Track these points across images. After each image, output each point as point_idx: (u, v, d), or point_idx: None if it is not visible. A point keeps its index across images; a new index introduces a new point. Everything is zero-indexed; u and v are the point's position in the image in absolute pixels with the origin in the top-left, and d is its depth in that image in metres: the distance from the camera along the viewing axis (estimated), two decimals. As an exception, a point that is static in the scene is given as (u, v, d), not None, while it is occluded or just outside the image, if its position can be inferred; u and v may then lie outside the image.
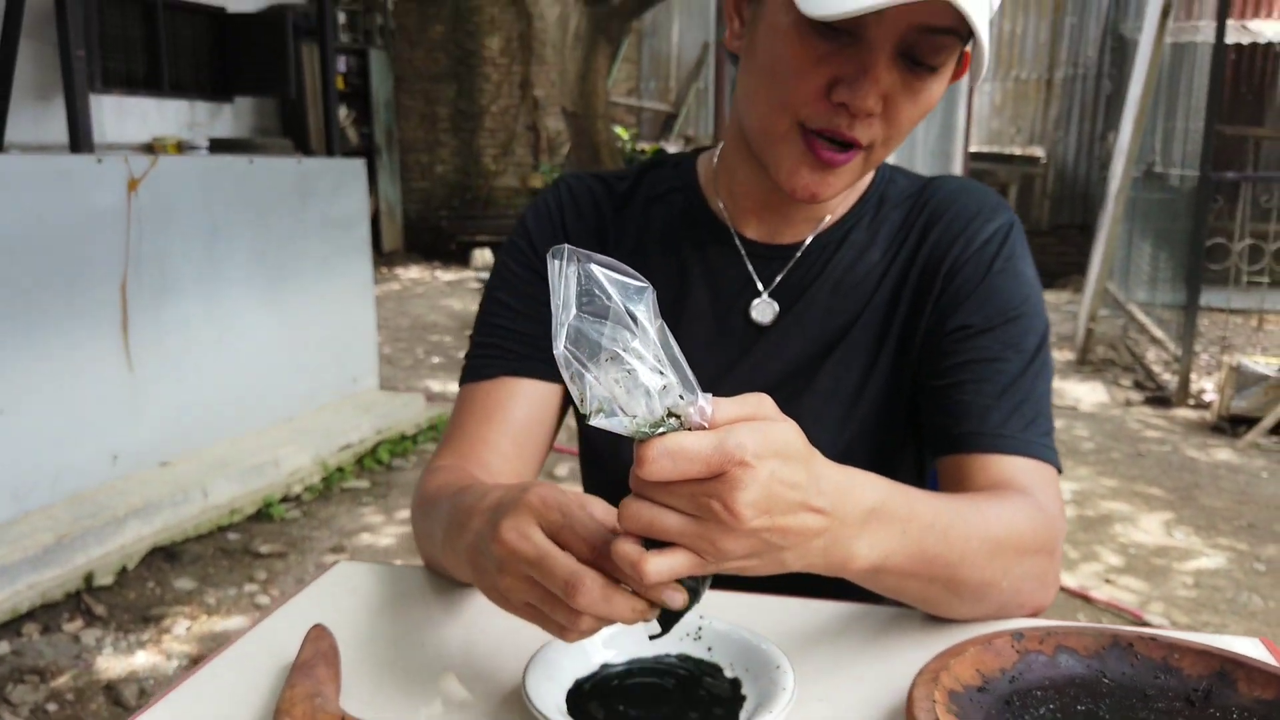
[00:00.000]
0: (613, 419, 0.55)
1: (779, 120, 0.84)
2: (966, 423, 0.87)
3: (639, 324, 0.54)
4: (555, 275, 0.54)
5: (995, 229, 0.94)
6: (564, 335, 0.53)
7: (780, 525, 0.57)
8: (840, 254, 0.97)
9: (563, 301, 0.54)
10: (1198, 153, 5.11)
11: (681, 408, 0.55)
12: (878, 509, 0.64)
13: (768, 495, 0.55)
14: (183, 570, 3.17)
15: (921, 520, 0.68)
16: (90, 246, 3.18)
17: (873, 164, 0.87)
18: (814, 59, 0.80)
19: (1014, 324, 0.90)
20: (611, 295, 0.54)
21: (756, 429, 0.56)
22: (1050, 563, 0.81)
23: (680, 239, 1.01)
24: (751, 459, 0.54)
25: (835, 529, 0.61)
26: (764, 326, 0.97)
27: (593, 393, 0.54)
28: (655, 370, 0.54)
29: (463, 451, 0.96)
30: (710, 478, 0.55)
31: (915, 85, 0.81)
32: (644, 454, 0.54)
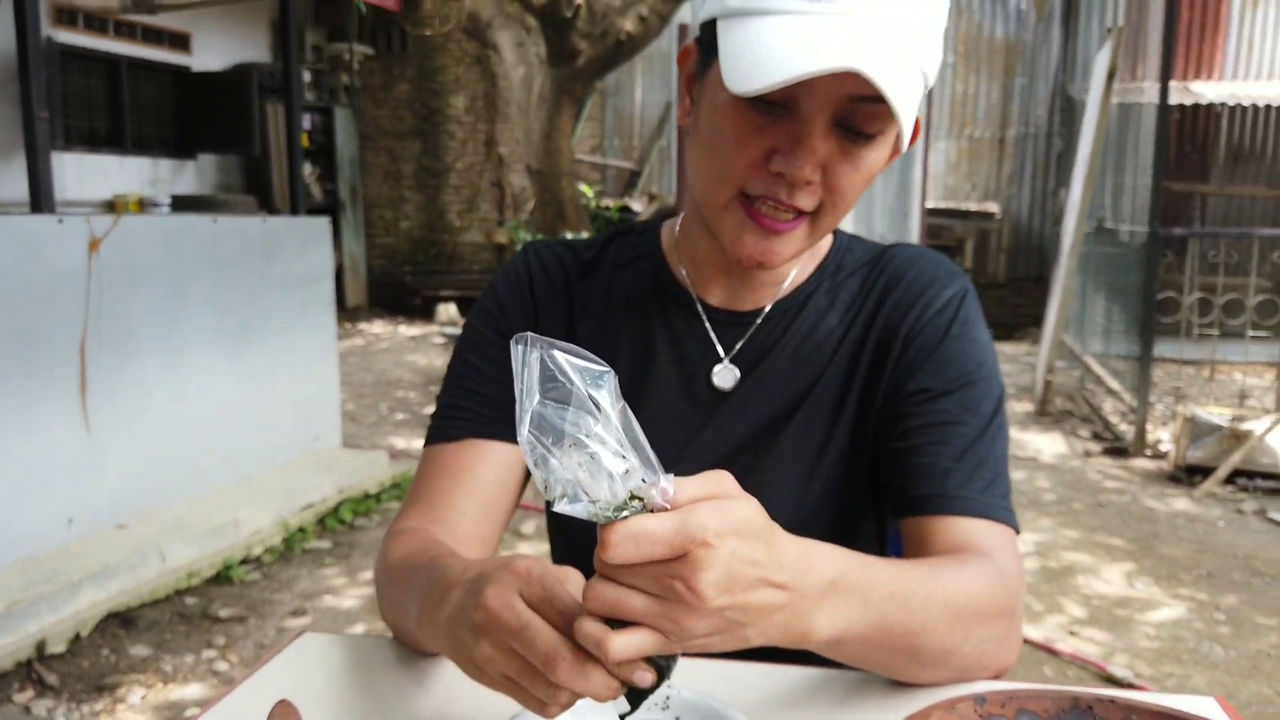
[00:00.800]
0: (576, 504, 0.56)
1: (722, 191, 0.86)
2: (927, 485, 0.89)
3: (601, 409, 0.55)
4: (518, 362, 0.55)
5: (951, 295, 0.97)
6: (528, 421, 0.54)
7: (742, 603, 0.58)
8: (800, 320, 1.00)
9: (526, 388, 0.55)
10: (1146, 209, 5.26)
11: (644, 490, 0.56)
12: (837, 581, 0.66)
13: (729, 574, 0.56)
14: (139, 636, 3.09)
15: (881, 590, 0.70)
16: (49, 306, 3.15)
17: (820, 230, 0.89)
18: (751, 131, 0.83)
19: (971, 388, 0.93)
20: (574, 380, 0.55)
21: (717, 508, 0.57)
22: (1011, 625, 0.82)
23: (645, 306, 1.03)
24: (713, 539, 0.55)
25: (795, 603, 0.62)
26: (726, 392, 0.99)
27: (556, 478, 0.55)
28: (617, 454, 0.55)
29: (428, 514, 0.96)
30: (673, 559, 0.55)
31: (853, 153, 0.83)
32: (607, 538, 0.55)
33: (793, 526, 0.97)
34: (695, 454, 0.99)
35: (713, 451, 0.99)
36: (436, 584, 0.74)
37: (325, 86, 10.35)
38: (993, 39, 9.71)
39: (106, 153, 8.07)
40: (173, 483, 3.68)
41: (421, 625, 0.77)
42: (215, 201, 8.19)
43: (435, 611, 0.72)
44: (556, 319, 1.04)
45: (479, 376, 1.00)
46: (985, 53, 9.73)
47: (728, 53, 0.79)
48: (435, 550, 0.85)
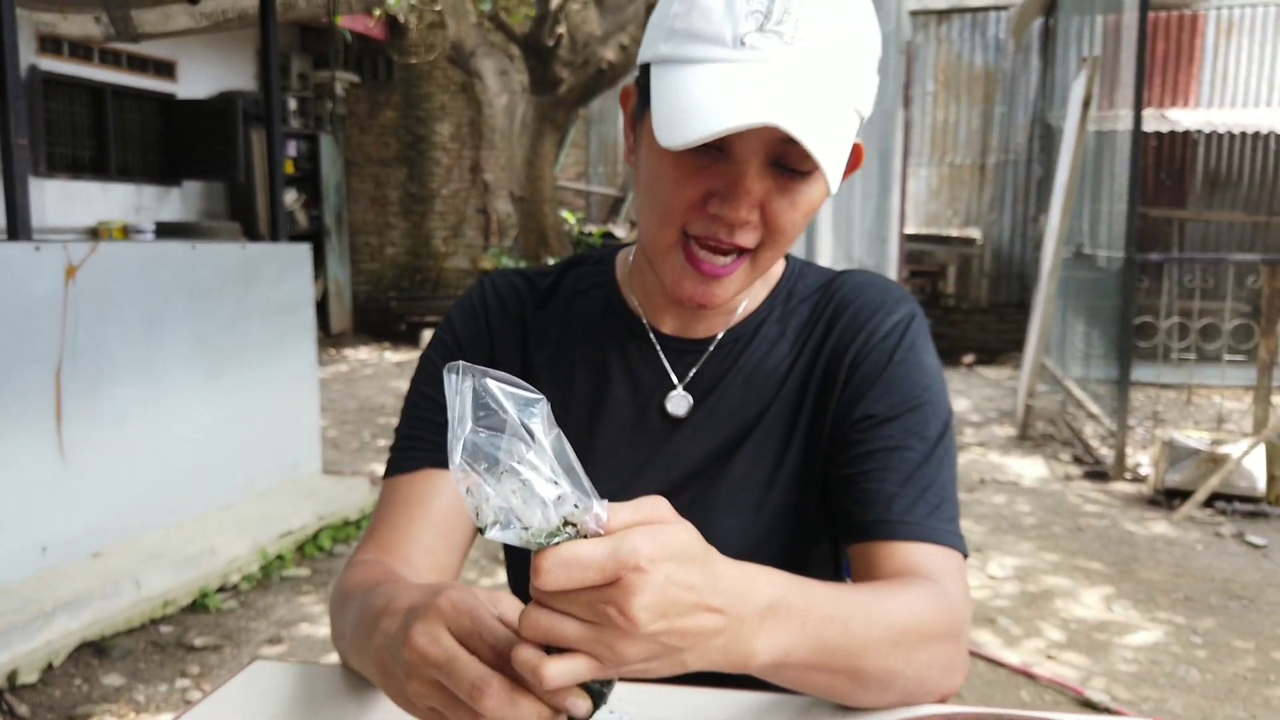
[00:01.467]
0: (508, 530, 0.57)
1: (664, 233, 0.88)
2: (873, 510, 0.90)
3: (534, 436, 0.55)
4: (451, 390, 0.56)
5: (897, 320, 0.98)
6: (460, 449, 0.55)
7: (678, 627, 0.58)
8: (752, 347, 1.01)
9: (458, 416, 0.56)
10: (1122, 234, 5.31)
11: (577, 516, 0.57)
12: (776, 605, 0.66)
13: (663, 599, 0.57)
14: (112, 666, 3.06)
15: (821, 613, 0.70)
16: (25, 334, 3.14)
17: (761, 266, 0.90)
18: (688, 175, 0.84)
19: (916, 412, 0.94)
20: (506, 408, 0.56)
21: (650, 533, 0.58)
22: (956, 649, 0.83)
23: (600, 335, 1.04)
24: (645, 563, 0.56)
25: (733, 627, 0.62)
26: (679, 419, 1.00)
27: (489, 505, 0.56)
28: (550, 481, 0.56)
29: (385, 545, 0.97)
30: (606, 584, 0.56)
31: (790, 190, 0.85)
32: (540, 564, 0.56)
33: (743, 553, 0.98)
34: (649, 481, 1.00)
35: (666, 478, 1.00)
36: (369, 612, 0.75)
37: (311, 114, 10.39)
38: (972, 67, 9.84)
39: (90, 179, 8.09)
40: (149, 510, 3.66)
41: (353, 653, 0.78)
42: (199, 228, 8.20)
43: (366, 641, 0.73)
44: (512, 349, 1.05)
45: (434, 407, 1.01)
46: (965, 81, 9.85)
47: (658, 103, 0.81)
48: (380, 579, 0.85)
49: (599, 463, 1.00)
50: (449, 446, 0.55)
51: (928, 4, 9.75)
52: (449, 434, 0.56)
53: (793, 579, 0.70)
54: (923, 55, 9.82)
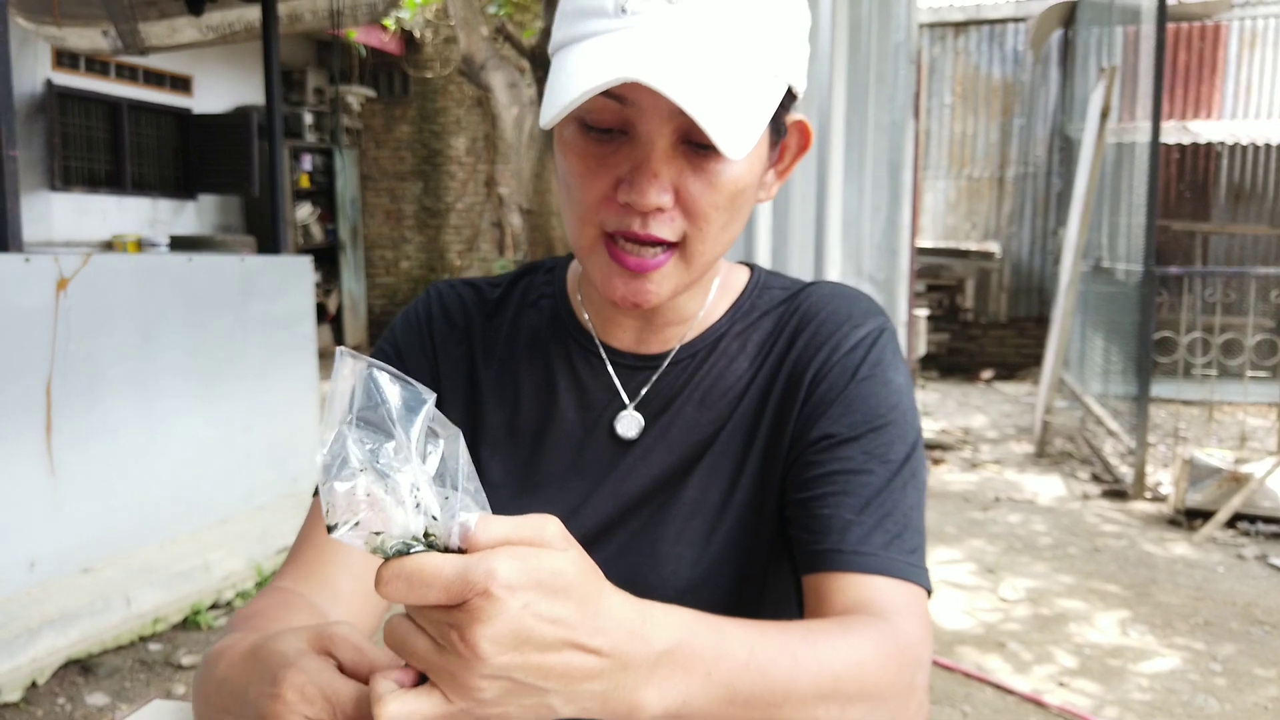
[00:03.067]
0: (354, 533, 0.51)
1: (583, 232, 0.82)
2: (826, 539, 0.82)
3: (410, 436, 0.52)
4: (335, 378, 0.52)
5: (863, 335, 0.90)
6: (330, 440, 0.51)
7: (535, 663, 0.52)
8: (708, 364, 0.93)
9: (336, 405, 0.52)
10: (1142, 247, 5.20)
11: (437, 527, 0.52)
12: (673, 650, 0.59)
13: (516, 630, 0.51)
14: (97, 684, 3.01)
15: (732, 659, 0.62)
16: (14, 347, 3.11)
17: (695, 261, 0.83)
18: (595, 164, 0.79)
19: (879, 433, 0.86)
20: (389, 403, 0.52)
21: (515, 556, 0.51)
22: (905, 700, 0.73)
23: (548, 349, 0.97)
24: (499, 589, 0.50)
25: (614, 673, 0.55)
26: (629, 441, 0.93)
27: (341, 503, 0.51)
28: (414, 487, 0.51)
29: (309, 570, 0.90)
30: (451, 606, 0.51)
31: (706, 169, 0.78)
32: (380, 574, 0.51)
33: (694, 583, 0.90)
34: (595, 506, 0.92)
35: (613, 504, 0.92)
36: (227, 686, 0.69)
37: (327, 128, 10.43)
38: (990, 80, 9.73)
39: (106, 193, 8.12)
40: (141, 525, 3.62)
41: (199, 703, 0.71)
42: (214, 242, 8.22)
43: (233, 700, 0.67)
44: (457, 363, 0.98)
45: None
46: (983, 93, 9.74)
47: (546, 90, 0.76)
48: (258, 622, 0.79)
49: (544, 488, 0.93)
50: (320, 434, 0.51)
51: (944, 16, 9.66)
52: (323, 423, 0.52)
53: (702, 619, 0.62)
54: (940, 67, 9.73)
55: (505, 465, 0.94)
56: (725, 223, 0.82)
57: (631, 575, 0.89)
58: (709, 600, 0.88)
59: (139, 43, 4.93)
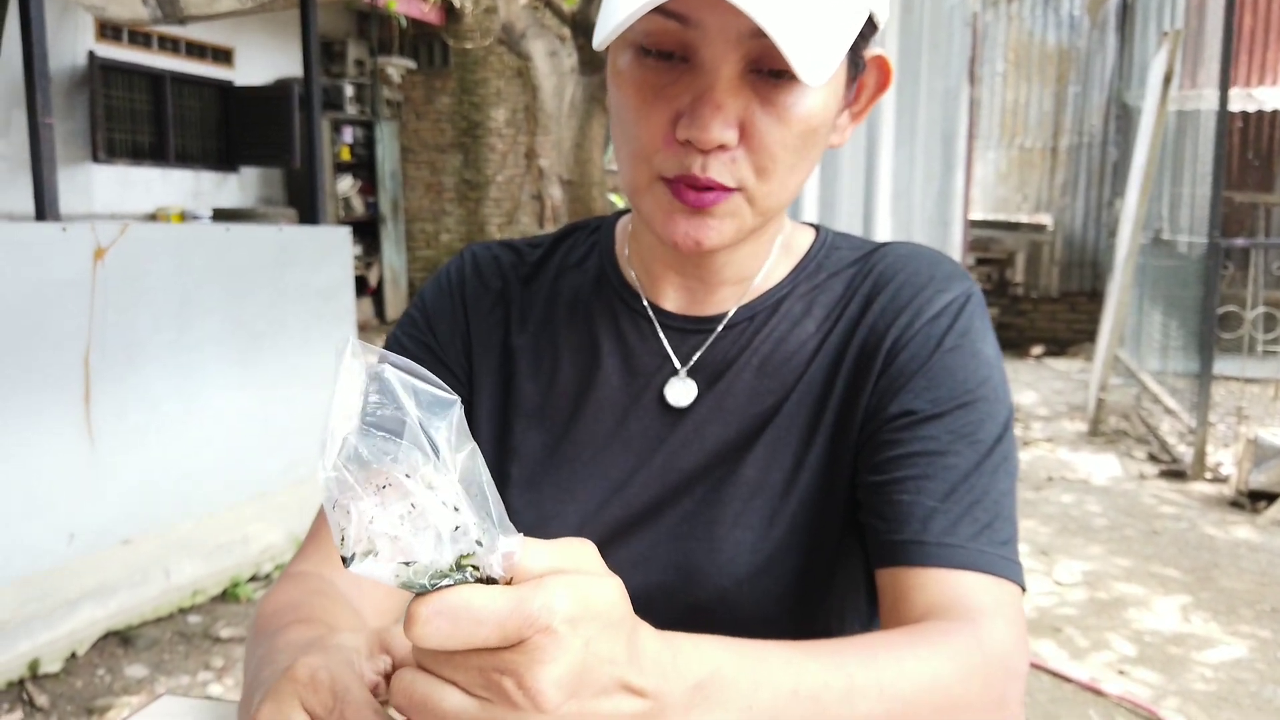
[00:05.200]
0: (380, 564, 0.42)
1: (639, 173, 0.73)
2: (906, 529, 0.72)
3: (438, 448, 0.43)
4: (339, 374, 0.43)
5: (949, 300, 0.80)
6: (336, 450, 0.42)
7: (591, 711, 0.44)
8: (769, 327, 0.84)
9: (342, 407, 0.43)
10: (1205, 219, 4.99)
11: (479, 555, 0.43)
12: (705, 682, 0.50)
13: (580, 671, 0.43)
14: (137, 656, 3.00)
15: (775, 687, 0.53)
16: (52, 317, 3.08)
17: (763, 207, 0.74)
18: (652, 94, 0.70)
19: (967, 410, 0.76)
20: (407, 407, 0.43)
21: (572, 585, 0.43)
22: (995, 716, 0.64)
23: (591, 311, 0.88)
24: (561, 624, 0.42)
25: (654, 716, 0.47)
26: (680, 410, 0.83)
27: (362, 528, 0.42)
28: (450, 506, 0.42)
29: (329, 553, 0.82)
30: (505, 647, 0.42)
31: (777, 102, 0.69)
32: (416, 612, 0.42)
33: (754, 571, 0.81)
34: (643, 482, 0.83)
35: (664, 479, 0.83)
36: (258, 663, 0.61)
37: (367, 100, 10.39)
38: (1044, 46, 9.42)
39: (149, 165, 8.16)
40: (180, 498, 3.60)
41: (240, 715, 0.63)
42: (256, 214, 8.23)
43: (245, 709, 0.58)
44: (490, 329, 0.90)
45: None
46: (1037, 60, 9.44)
47: (601, 9, 0.67)
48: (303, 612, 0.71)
49: (583, 462, 0.85)
50: (323, 444, 0.42)
51: (998, -20, 9.36)
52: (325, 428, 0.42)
53: (735, 645, 0.53)
54: (992, 34, 9.44)
55: (540, 437, 0.86)
56: (794, 165, 0.73)
57: (683, 561, 0.80)
58: (770, 589, 0.79)
59: (178, 11, 4.89)
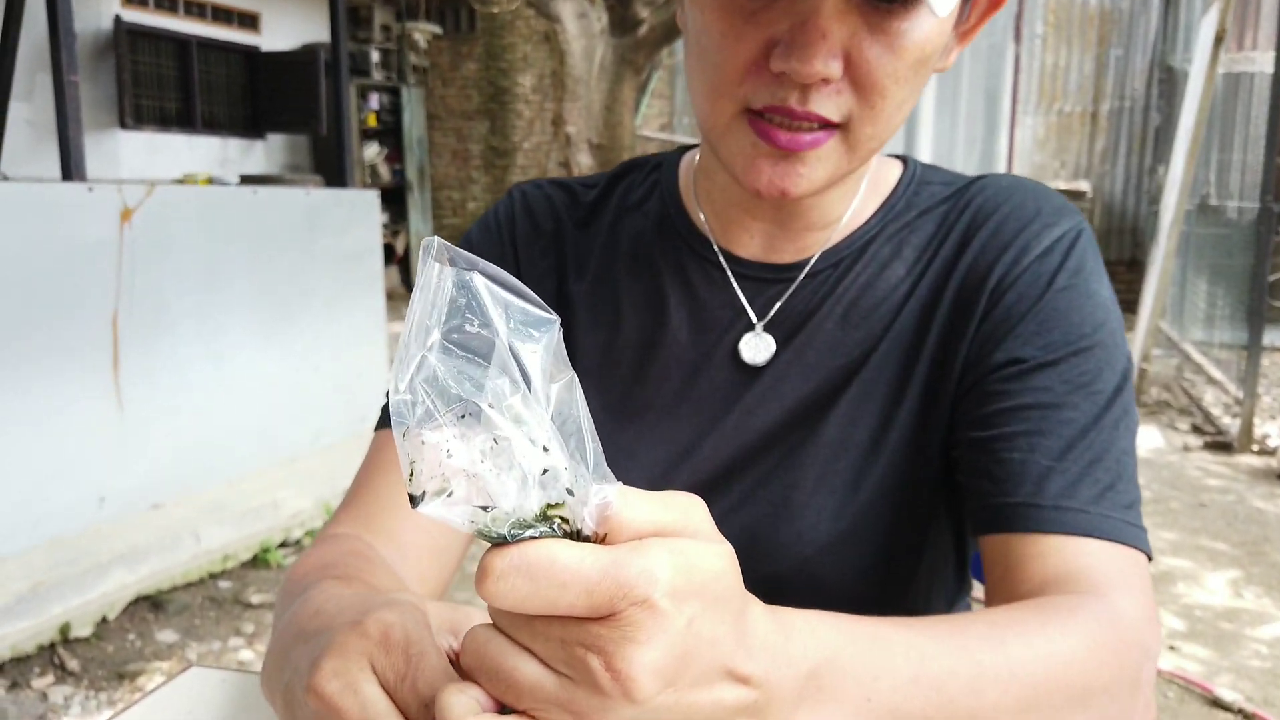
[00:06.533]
0: (454, 507, 0.35)
1: (721, 107, 0.65)
2: (1017, 490, 0.65)
3: (529, 376, 0.36)
4: (420, 282, 0.37)
5: (1059, 235, 0.72)
6: (411, 370, 0.36)
7: (688, 704, 0.36)
8: (854, 272, 0.76)
9: (417, 322, 0.36)
10: (1257, 184, 4.82)
11: (570, 505, 0.36)
12: (820, 670, 0.42)
13: (681, 655, 0.35)
14: (168, 621, 2.98)
15: (896, 676, 0.46)
16: (79, 279, 3.04)
17: (861, 147, 0.66)
18: (742, 21, 0.61)
19: (1084, 357, 0.67)
20: (496, 326, 0.36)
21: (677, 551, 0.36)
22: (1131, 698, 0.56)
23: (655, 259, 0.80)
24: (662, 597, 0.35)
25: (761, 709, 0.39)
26: (757, 368, 0.76)
27: (433, 464, 0.35)
28: (539, 445, 0.36)
29: (367, 516, 0.75)
30: (595, 619, 0.35)
31: (888, 29, 0.60)
32: (490, 565, 0.35)
33: (833, 541, 0.73)
34: (714, 446, 0.76)
35: (737, 442, 0.75)
36: (294, 623, 0.52)
37: (393, 66, 10.31)
38: (1085, 7, 9.16)
39: (176, 132, 8.13)
40: (210, 463, 3.58)
41: (265, 677, 0.55)
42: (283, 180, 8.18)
43: (278, 668, 0.50)
44: (543, 275, 0.83)
45: None
46: (1078, 22, 9.18)
47: None
48: (339, 571, 0.63)
49: (648, 424, 0.78)
50: (395, 363, 0.36)
51: (1038, -60, 9.10)
52: (400, 344, 0.36)
53: (853, 626, 0.46)
54: (1031, -4, 9.19)
55: (599, 397, 0.79)
56: (902, 100, 0.64)
57: (759, 529, 0.73)
58: (854, 560, 0.71)
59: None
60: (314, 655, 0.44)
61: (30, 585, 2.76)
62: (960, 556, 0.79)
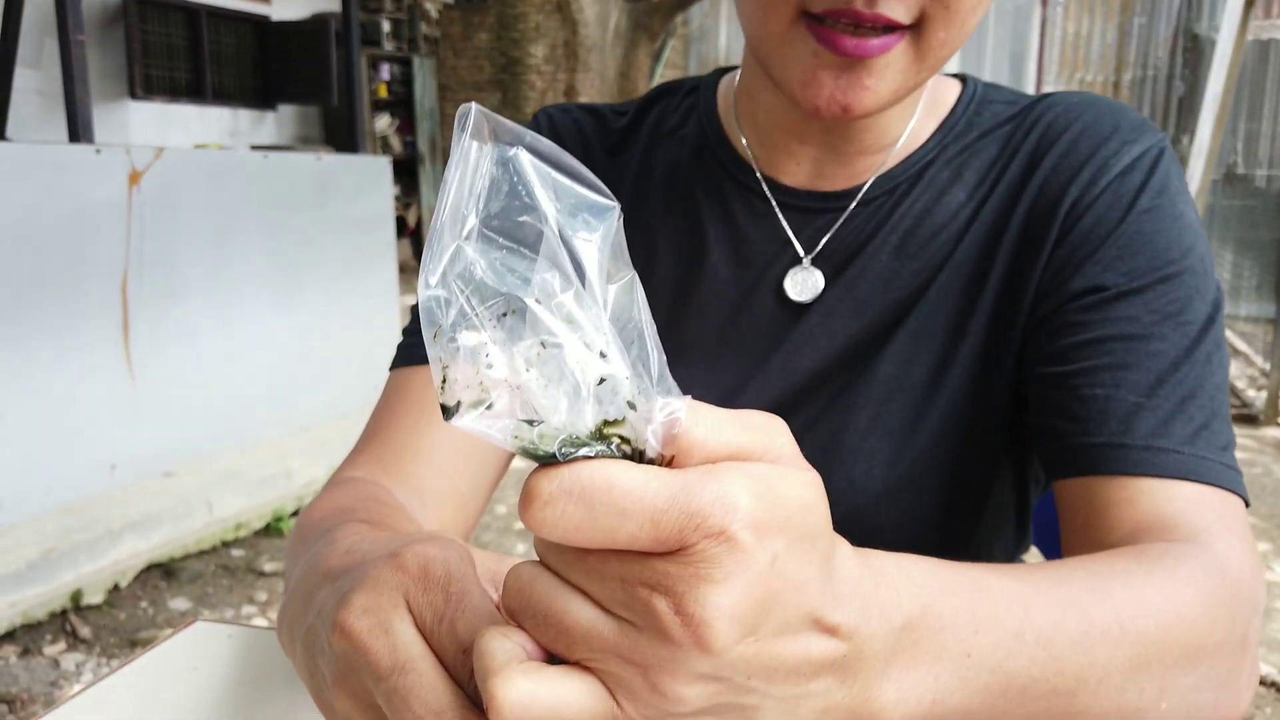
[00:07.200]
0: (493, 422, 0.29)
1: (776, 13, 0.59)
2: (1101, 429, 0.59)
3: (584, 270, 0.31)
4: (455, 159, 0.31)
5: (1141, 153, 0.65)
6: (444, 263, 0.30)
7: (768, 656, 0.30)
8: (910, 200, 0.70)
9: (451, 207, 0.30)
10: (1287, 151, 4.73)
11: (632, 422, 0.30)
12: (916, 621, 0.36)
13: (763, 598, 0.29)
14: (180, 589, 2.95)
15: (1000, 627, 0.39)
16: (88, 243, 3.00)
17: (931, 55, 0.60)
18: None
19: (1172, 284, 0.61)
20: (544, 209, 0.31)
21: (759, 478, 0.30)
22: (1240, 656, 0.50)
23: (693, 189, 0.75)
24: (742, 530, 0.29)
25: (849, 665, 0.33)
26: (804, 305, 0.70)
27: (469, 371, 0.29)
28: (595, 351, 0.30)
29: (384, 461, 0.71)
30: (661, 553, 0.29)
31: None
32: (536, 489, 0.29)
33: (888, 489, 0.67)
34: (758, 388, 0.71)
35: (782, 383, 0.70)
36: (313, 570, 0.47)
37: (404, 36, 10.21)
38: (1109, -25, 9.01)
39: (187, 102, 8.08)
40: (222, 432, 3.55)
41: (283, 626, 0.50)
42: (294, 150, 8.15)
43: (300, 612, 0.45)
44: None
45: None
46: (1100, -10, 9.03)
47: None
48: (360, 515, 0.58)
49: (688, 368, 0.73)
50: (425, 256, 0.30)
51: (1061, -95, 8.93)
52: (430, 234, 0.30)
53: (950, 572, 0.39)
54: (1053, -37, 9.03)
55: None
56: (977, 4, 0.58)
57: None
58: (911, 510, 0.66)
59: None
60: (343, 591, 0.39)
61: (42, 551, 2.74)
62: (1021, 508, 0.74)
